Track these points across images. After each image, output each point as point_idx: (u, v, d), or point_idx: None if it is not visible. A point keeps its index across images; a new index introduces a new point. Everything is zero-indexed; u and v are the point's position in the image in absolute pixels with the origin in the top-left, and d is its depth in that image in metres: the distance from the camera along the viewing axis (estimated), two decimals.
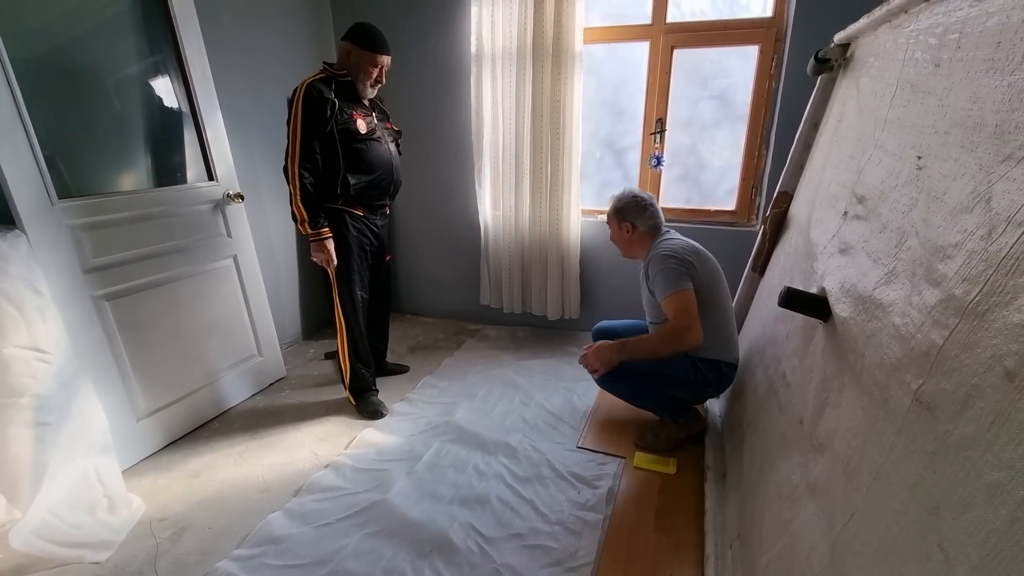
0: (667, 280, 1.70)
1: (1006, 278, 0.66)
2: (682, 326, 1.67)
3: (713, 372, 1.79)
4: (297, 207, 1.91)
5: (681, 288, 1.68)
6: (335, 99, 1.89)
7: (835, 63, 1.76)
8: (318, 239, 1.96)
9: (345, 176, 1.96)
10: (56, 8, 1.73)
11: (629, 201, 1.89)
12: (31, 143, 1.57)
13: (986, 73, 0.85)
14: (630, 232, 1.89)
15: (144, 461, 1.92)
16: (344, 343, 2.15)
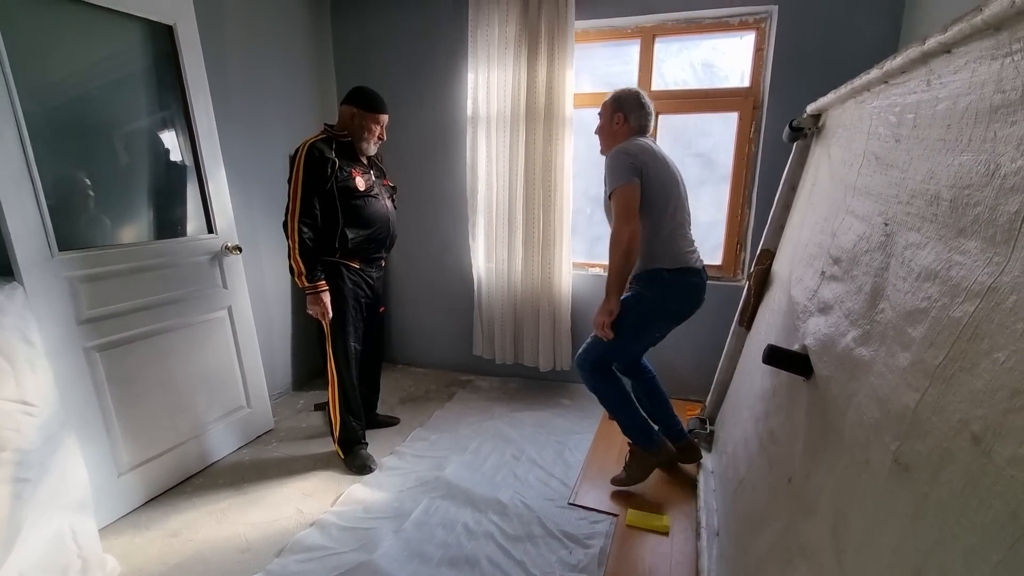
0: (613, 174, 1.71)
1: (967, 344, 0.70)
2: (619, 224, 1.68)
3: (656, 286, 1.78)
4: (295, 260, 1.96)
5: (624, 182, 1.68)
6: (335, 158, 1.98)
7: (808, 131, 1.88)
8: (314, 292, 1.99)
9: (344, 231, 2.02)
10: (75, 65, 1.81)
11: (632, 95, 1.85)
12: (37, 196, 1.62)
13: (939, 152, 0.93)
14: (620, 124, 1.85)
15: (123, 519, 1.86)
16: (335, 395, 2.15)
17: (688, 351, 2.73)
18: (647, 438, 1.93)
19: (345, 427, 2.17)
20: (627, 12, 2.49)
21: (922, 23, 1.99)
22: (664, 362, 2.80)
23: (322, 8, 2.97)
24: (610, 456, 2.27)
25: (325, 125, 2.09)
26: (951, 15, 0.82)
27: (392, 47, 2.92)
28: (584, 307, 2.87)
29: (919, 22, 2.02)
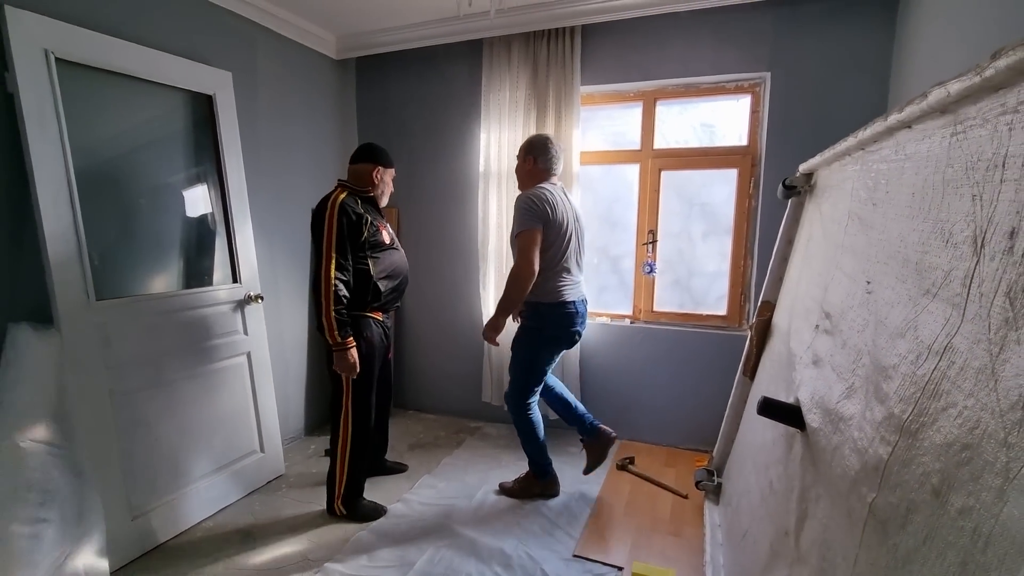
0: (522, 217, 2.00)
1: (929, 401, 0.75)
2: (521, 262, 1.98)
3: (535, 317, 2.12)
4: (328, 317, 1.93)
5: (529, 227, 1.97)
6: (364, 214, 2.04)
7: (801, 189, 1.96)
8: (344, 349, 1.96)
9: (376, 284, 2.06)
10: (122, 125, 1.99)
11: (541, 140, 2.16)
12: (81, 248, 1.76)
13: (907, 217, 1.00)
14: (531, 165, 2.14)
15: (134, 562, 1.90)
16: (346, 449, 2.11)
17: (695, 401, 2.73)
18: (543, 472, 2.31)
19: (353, 480, 2.14)
20: (630, 78, 2.67)
21: (909, 85, 2.10)
22: (670, 412, 2.81)
23: (347, 74, 3.22)
24: (617, 507, 2.25)
25: (341, 181, 2.14)
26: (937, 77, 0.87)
27: (411, 109, 3.14)
28: (591, 355, 2.91)
29: (906, 84, 2.13)
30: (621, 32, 2.62)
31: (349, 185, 2.12)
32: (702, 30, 2.50)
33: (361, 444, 2.13)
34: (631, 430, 2.90)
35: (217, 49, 2.36)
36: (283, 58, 2.75)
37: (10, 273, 1.69)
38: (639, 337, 2.83)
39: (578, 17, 2.58)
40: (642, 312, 2.87)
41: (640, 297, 2.86)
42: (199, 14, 2.28)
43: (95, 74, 1.86)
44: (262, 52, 2.61)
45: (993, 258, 0.69)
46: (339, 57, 3.11)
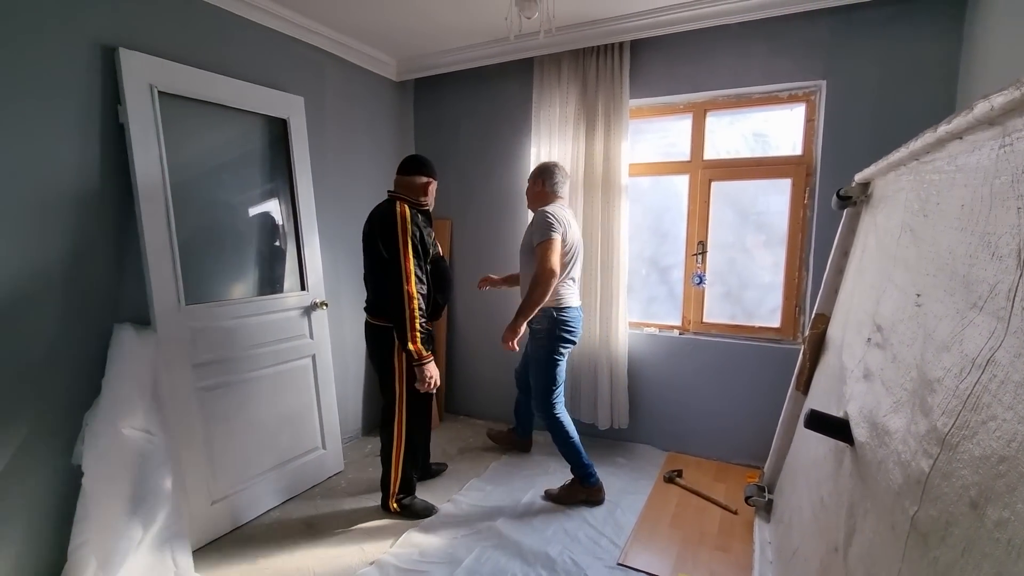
0: (543, 228, 2.19)
1: (970, 414, 0.75)
2: (545, 265, 2.15)
3: (546, 320, 2.30)
4: (413, 332, 1.95)
5: (550, 236, 2.17)
6: (424, 226, 2.10)
7: (856, 200, 1.92)
8: (426, 363, 2.00)
9: (435, 297, 2.14)
10: (207, 146, 2.22)
11: (549, 166, 2.40)
12: (174, 257, 1.98)
13: (956, 229, 0.99)
14: (540, 187, 2.38)
15: (211, 544, 2.09)
16: (400, 450, 2.19)
17: (746, 415, 2.67)
18: (587, 476, 2.37)
19: (407, 481, 2.25)
20: (679, 90, 2.68)
21: (979, 91, 2.01)
22: (720, 425, 2.76)
23: (406, 94, 3.41)
24: (663, 519, 2.24)
25: (393, 193, 2.15)
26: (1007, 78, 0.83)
27: (465, 126, 3.28)
28: (641, 366, 2.91)
29: (976, 90, 2.03)
30: (670, 45, 2.65)
31: (406, 197, 2.14)
32: (754, 40, 2.49)
33: (414, 446, 2.23)
34: (679, 442, 2.87)
35: (291, 76, 2.58)
36: (349, 82, 2.96)
37: (117, 279, 1.93)
38: (688, 348, 2.80)
39: (627, 33, 2.63)
40: (691, 323, 2.84)
41: (689, 308, 2.84)
42: (276, 45, 2.52)
43: (188, 103, 2.09)
44: (330, 77, 2.83)
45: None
46: (399, 79, 3.31)
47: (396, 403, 2.17)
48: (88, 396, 1.81)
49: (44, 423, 1.76)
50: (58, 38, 1.74)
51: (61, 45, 1.75)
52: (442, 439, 3.12)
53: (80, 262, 1.83)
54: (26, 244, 1.70)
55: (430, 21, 2.64)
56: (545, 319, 2.32)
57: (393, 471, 2.23)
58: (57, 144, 1.76)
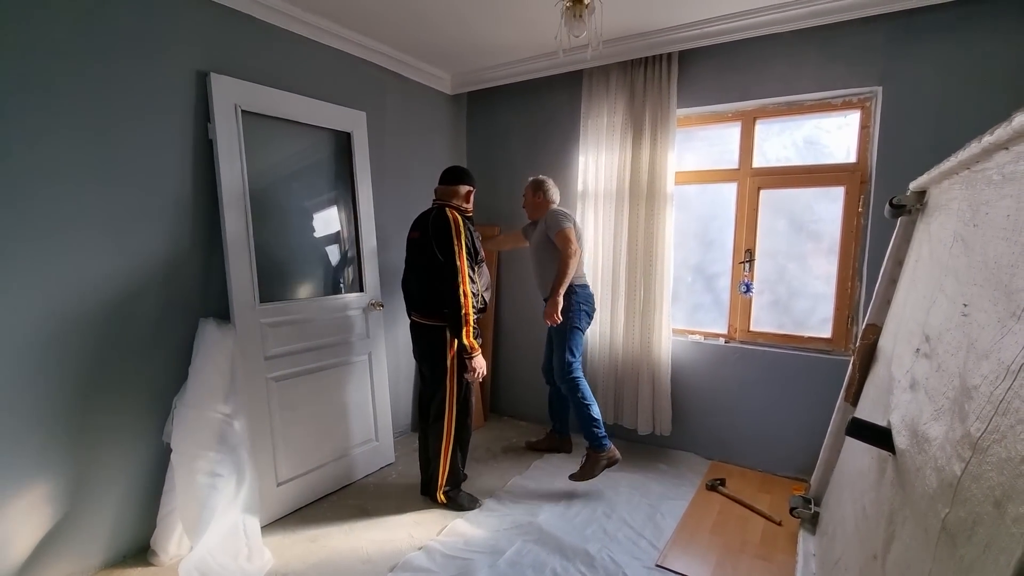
0: (559, 221, 2.58)
1: (1001, 418, 0.78)
2: (569, 249, 2.52)
3: (572, 296, 2.62)
4: (468, 326, 2.13)
5: (567, 226, 2.57)
6: (472, 231, 2.26)
7: (911, 208, 1.88)
8: (477, 355, 2.18)
9: (483, 295, 2.29)
10: (282, 154, 2.44)
11: (545, 181, 2.79)
12: (251, 258, 2.19)
13: (1002, 239, 1.00)
14: (540, 198, 2.76)
15: (276, 521, 2.27)
16: (450, 443, 2.31)
17: (794, 426, 2.63)
18: (602, 444, 2.53)
19: (455, 473, 2.36)
20: (728, 99, 2.69)
21: None
22: (767, 436, 2.73)
23: (460, 106, 3.57)
24: (704, 525, 2.25)
25: (440, 200, 2.32)
26: None
27: (515, 136, 3.40)
28: (684, 373, 2.92)
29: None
30: (719, 55, 2.67)
31: (453, 205, 2.29)
32: (807, 47, 2.47)
33: (462, 441, 2.36)
34: (723, 451, 2.86)
35: (355, 93, 2.78)
36: (406, 96, 3.14)
37: (204, 278, 2.16)
38: (734, 357, 2.79)
39: (675, 44, 2.67)
40: (738, 332, 2.83)
41: (736, 316, 2.82)
42: (343, 65, 2.72)
43: (265, 119, 2.31)
44: (390, 93, 3.02)
45: None
46: (453, 92, 3.47)
47: (447, 399, 2.29)
48: (177, 382, 2.03)
49: (140, 405, 1.99)
50: (161, 66, 1.98)
51: (164, 72, 1.99)
52: (487, 438, 3.22)
53: (176, 262, 2.07)
54: (134, 245, 1.94)
55: (483, 39, 2.78)
56: (567, 296, 2.61)
57: (442, 464, 2.34)
58: (158, 158, 2.00)
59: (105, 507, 1.92)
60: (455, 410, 2.31)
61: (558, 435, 3.04)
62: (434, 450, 2.36)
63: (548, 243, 2.63)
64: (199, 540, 1.87)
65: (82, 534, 1.87)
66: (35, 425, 1.73)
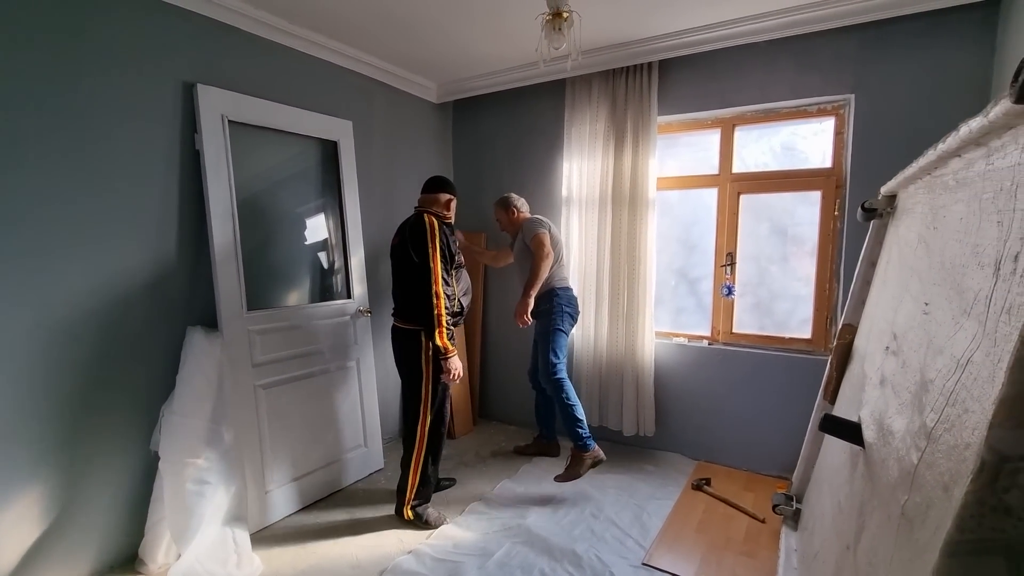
0: (532, 228, 2.70)
1: (951, 409, 0.83)
2: (542, 252, 2.62)
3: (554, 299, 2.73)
4: (440, 326, 2.14)
5: (541, 231, 2.68)
6: (450, 236, 2.28)
7: (882, 212, 1.95)
8: (452, 356, 2.17)
9: (460, 300, 2.32)
10: (269, 163, 2.45)
11: (511, 197, 2.90)
12: (239, 266, 2.21)
13: (956, 241, 1.06)
14: (513, 214, 2.86)
15: (266, 528, 2.28)
16: (421, 455, 2.26)
17: (777, 427, 2.68)
18: (586, 444, 2.57)
19: (424, 484, 2.30)
20: (707, 107, 2.76)
21: None
22: (751, 436, 2.78)
23: (445, 115, 3.62)
24: (689, 524, 2.29)
25: (421, 208, 2.34)
26: None
27: (500, 143, 3.45)
28: (667, 375, 2.96)
29: None
30: (698, 64, 2.74)
31: (433, 212, 2.32)
32: (782, 56, 2.55)
33: (434, 451, 2.30)
34: (708, 452, 2.90)
35: (341, 102, 2.82)
36: (393, 105, 3.18)
37: (191, 286, 2.17)
38: (717, 359, 2.84)
39: (655, 54, 2.74)
40: (721, 334, 2.88)
41: (719, 319, 2.88)
42: (330, 75, 2.75)
43: (253, 129, 2.33)
44: (376, 102, 3.06)
45: (1005, 279, 0.77)
46: (439, 101, 3.51)
47: (422, 405, 2.26)
48: (165, 390, 2.04)
49: (128, 414, 1.99)
50: (148, 78, 2.00)
51: (150, 84, 2.01)
52: (475, 442, 3.25)
53: (163, 271, 2.08)
54: (121, 256, 1.96)
55: (467, 50, 2.83)
56: (550, 298, 2.72)
57: (412, 476, 2.28)
58: (145, 168, 2.01)
59: (93, 517, 1.92)
60: (429, 417, 2.26)
61: (546, 439, 3.08)
62: (404, 461, 2.30)
63: (528, 252, 2.71)
64: (188, 548, 1.88)
65: (70, 544, 1.86)
66: (24, 435, 1.73)
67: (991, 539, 0.53)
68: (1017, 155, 0.79)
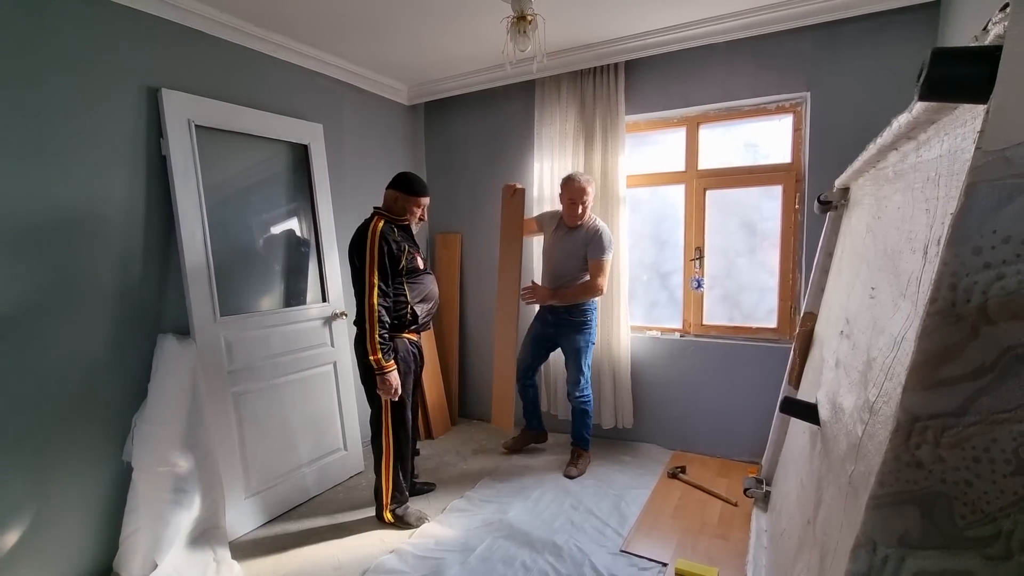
0: (604, 249, 2.61)
1: (888, 383, 0.89)
2: (600, 285, 2.61)
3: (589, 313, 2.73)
4: (372, 342, 2.05)
5: (608, 256, 2.63)
6: (400, 240, 2.18)
7: (837, 204, 2.04)
8: (386, 372, 2.09)
9: (413, 308, 2.22)
10: (239, 167, 2.43)
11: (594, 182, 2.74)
12: (210, 272, 2.19)
13: (895, 229, 1.13)
14: (587, 206, 2.65)
15: (246, 535, 2.26)
16: (390, 463, 2.24)
17: (747, 413, 2.78)
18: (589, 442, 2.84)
19: (399, 491, 2.30)
20: (672, 105, 2.84)
21: None
22: (723, 423, 2.87)
23: (417, 116, 3.63)
24: (665, 511, 2.36)
25: (376, 209, 2.26)
26: None
27: (472, 144, 3.48)
28: (643, 368, 3.03)
29: None
30: (662, 64, 2.81)
31: (385, 213, 2.24)
32: (741, 56, 2.64)
33: (401, 455, 2.27)
34: (683, 441, 2.98)
35: (311, 105, 2.81)
36: (363, 108, 3.18)
37: (161, 293, 2.14)
38: (690, 350, 2.92)
39: (621, 55, 2.81)
40: (692, 326, 2.97)
41: (690, 311, 2.96)
42: (298, 78, 2.75)
43: (221, 133, 2.31)
44: (347, 105, 3.06)
45: (931, 262, 0.84)
46: (410, 103, 3.53)
47: (382, 413, 2.23)
48: (136, 400, 2.01)
49: (98, 424, 1.96)
50: (110, 81, 1.97)
51: (112, 87, 1.98)
52: (456, 441, 3.27)
53: (129, 278, 2.05)
54: (86, 263, 1.92)
55: (437, 51, 2.85)
56: (585, 312, 2.69)
57: (384, 481, 2.27)
58: (109, 173, 1.98)
59: (65, 531, 1.88)
60: (390, 424, 2.23)
61: (535, 430, 3.13)
62: (375, 467, 2.29)
63: (582, 259, 2.65)
64: (165, 558, 1.86)
65: (42, 559, 1.82)
66: None
67: (906, 491, 0.58)
68: (939, 148, 0.86)
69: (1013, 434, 0.52)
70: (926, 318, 0.57)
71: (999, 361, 0.52)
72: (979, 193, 0.52)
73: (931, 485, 0.56)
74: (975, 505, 0.54)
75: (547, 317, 2.82)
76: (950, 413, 0.56)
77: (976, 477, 0.54)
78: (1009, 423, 0.52)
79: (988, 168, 0.51)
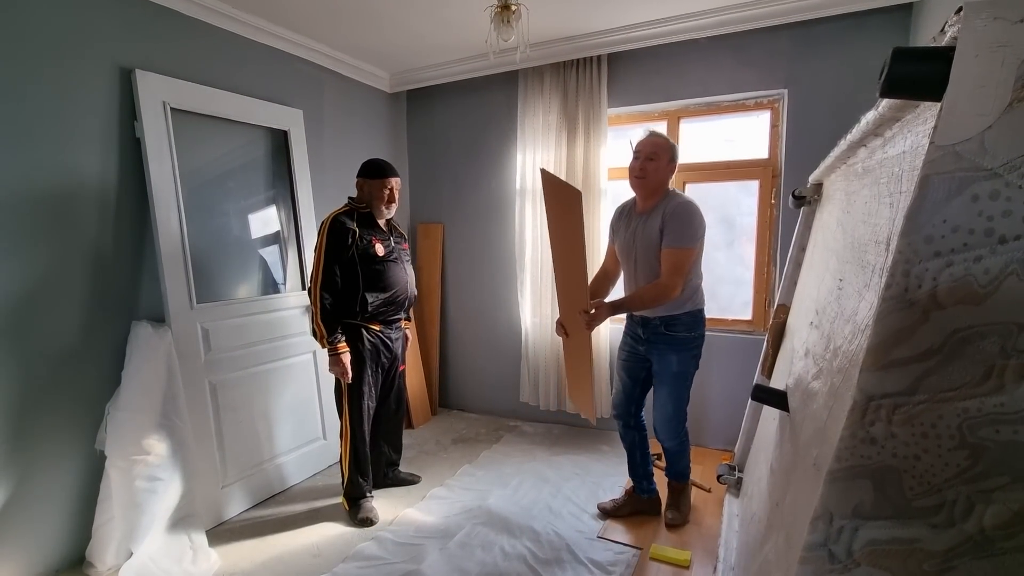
0: (690, 231, 1.83)
1: (852, 369, 0.93)
2: (672, 283, 1.84)
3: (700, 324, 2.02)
4: (317, 325, 2.11)
5: (689, 245, 1.84)
6: (356, 228, 2.15)
7: (810, 199, 2.10)
8: (335, 354, 2.12)
9: (364, 296, 2.17)
10: (216, 154, 2.38)
11: (676, 148, 2.01)
12: (186, 259, 2.16)
13: (862, 223, 1.18)
14: (673, 171, 1.98)
15: (223, 523, 2.25)
16: (347, 451, 2.25)
17: (722, 403, 2.85)
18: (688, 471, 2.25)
19: (352, 483, 2.27)
20: (653, 99, 2.87)
21: None
22: (699, 413, 2.93)
23: (399, 105, 3.60)
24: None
25: (348, 199, 2.29)
26: None
27: (455, 134, 3.47)
28: None
29: None
30: (644, 58, 2.84)
31: (351, 201, 2.27)
32: (721, 52, 2.68)
33: (355, 445, 2.25)
34: None
35: (291, 90, 2.76)
36: (345, 94, 3.15)
37: (135, 280, 2.10)
38: None
39: (603, 47, 2.83)
40: None
41: None
42: (278, 63, 2.70)
43: (198, 117, 2.27)
44: (328, 91, 3.01)
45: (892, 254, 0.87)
46: (392, 91, 3.49)
47: (344, 406, 2.25)
48: (110, 388, 1.98)
49: (70, 412, 1.92)
50: (81, 62, 1.92)
51: (84, 68, 1.93)
52: (436, 431, 3.29)
53: (101, 264, 2.00)
54: (52, 247, 1.87)
55: (420, 39, 2.83)
56: (691, 323, 1.97)
57: (343, 469, 2.29)
58: (81, 156, 1.93)
59: (36, 520, 1.85)
60: (350, 419, 2.24)
61: (646, 494, 2.28)
62: (341, 460, 2.31)
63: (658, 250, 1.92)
64: (139, 546, 1.84)
65: (12, 549, 1.79)
66: None
67: (860, 465, 0.62)
68: (903, 144, 0.90)
69: (957, 411, 0.55)
70: (881, 303, 0.60)
71: (946, 343, 0.56)
72: (931, 185, 0.55)
73: (883, 460, 0.60)
74: (922, 478, 0.58)
75: (636, 331, 2.11)
76: (902, 392, 0.59)
77: (924, 451, 0.57)
78: (954, 401, 0.55)
79: (940, 162, 0.54)
